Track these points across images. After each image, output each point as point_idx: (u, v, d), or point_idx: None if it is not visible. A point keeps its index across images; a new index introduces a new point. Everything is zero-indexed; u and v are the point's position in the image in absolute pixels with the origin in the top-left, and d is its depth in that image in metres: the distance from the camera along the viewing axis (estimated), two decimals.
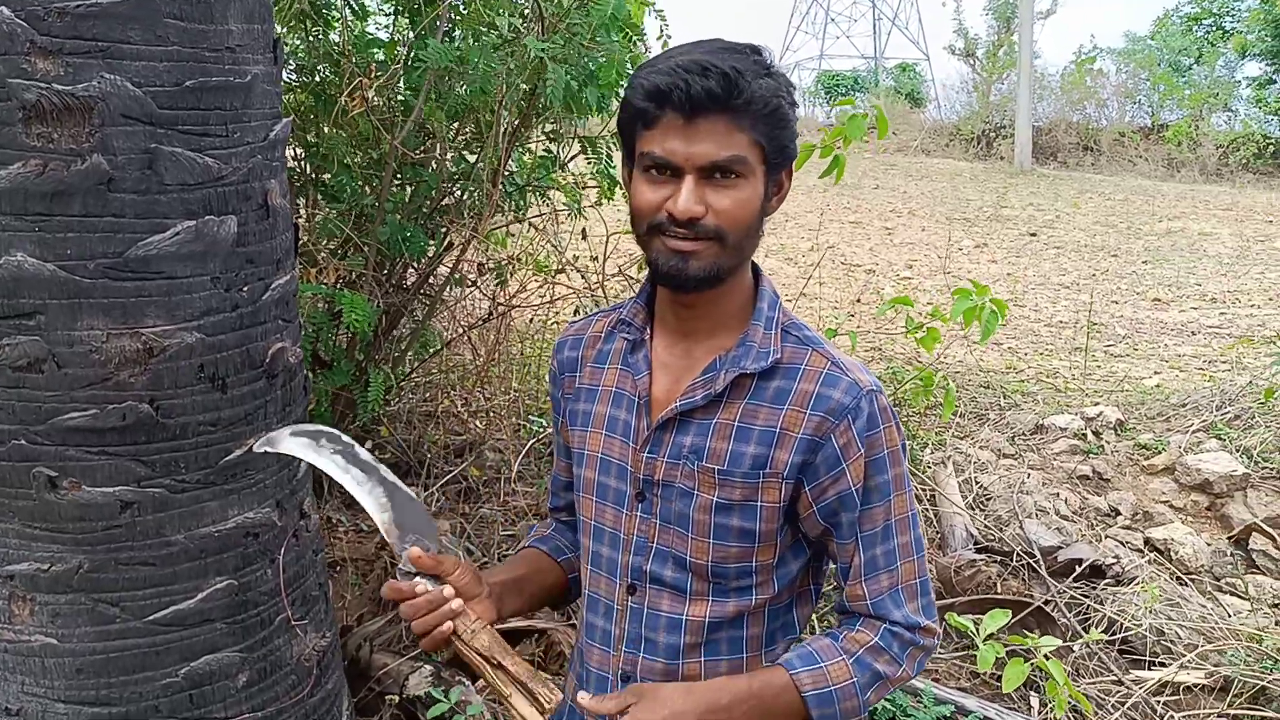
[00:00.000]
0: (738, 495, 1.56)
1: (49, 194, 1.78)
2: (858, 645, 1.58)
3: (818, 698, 1.54)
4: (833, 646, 1.58)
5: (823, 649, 1.58)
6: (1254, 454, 5.42)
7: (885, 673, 1.57)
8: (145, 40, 1.81)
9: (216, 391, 2.02)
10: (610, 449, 1.66)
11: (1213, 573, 4.61)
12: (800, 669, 1.55)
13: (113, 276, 1.85)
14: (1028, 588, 4.19)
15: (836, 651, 1.57)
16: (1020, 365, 7.84)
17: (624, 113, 1.52)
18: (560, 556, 1.85)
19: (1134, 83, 26.67)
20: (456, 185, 4.15)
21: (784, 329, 1.60)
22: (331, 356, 3.83)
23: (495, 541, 4.27)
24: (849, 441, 1.53)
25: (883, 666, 1.57)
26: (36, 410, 1.88)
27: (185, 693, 2.09)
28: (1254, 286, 11.06)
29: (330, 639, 2.41)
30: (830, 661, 1.56)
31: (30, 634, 2.00)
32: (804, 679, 1.54)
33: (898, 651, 1.58)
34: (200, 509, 2.05)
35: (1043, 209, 17.06)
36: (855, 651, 1.57)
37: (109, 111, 1.79)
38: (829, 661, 1.56)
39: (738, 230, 1.48)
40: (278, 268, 2.14)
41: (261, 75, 2.03)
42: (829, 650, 1.57)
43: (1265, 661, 3.71)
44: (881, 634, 1.58)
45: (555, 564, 1.84)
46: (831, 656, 1.56)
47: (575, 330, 1.80)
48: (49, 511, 1.94)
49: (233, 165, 1.97)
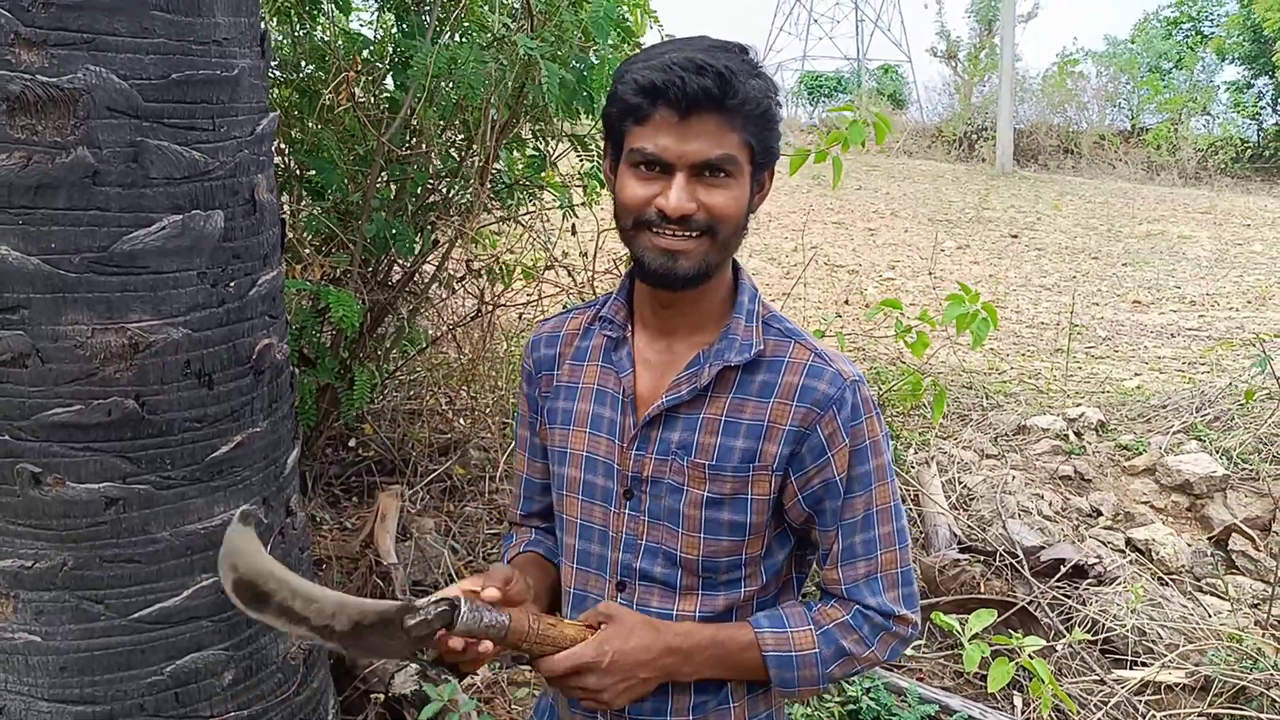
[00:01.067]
0: (728, 489, 1.56)
1: (33, 187, 1.76)
2: (828, 619, 1.59)
3: (778, 659, 1.57)
4: (803, 615, 1.61)
5: (793, 615, 1.61)
6: (1233, 455, 5.45)
7: (851, 650, 1.59)
8: (131, 32, 1.79)
9: (203, 388, 2.00)
10: (596, 447, 1.66)
11: (1193, 573, 4.64)
12: (766, 629, 1.58)
13: (98, 271, 1.83)
14: (1011, 587, 4.21)
15: (806, 620, 1.60)
16: (1002, 366, 7.88)
17: (613, 106, 1.52)
18: (555, 559, 1.84)
19: (1114, 86, 26.85)
20: (443, 182, 4.13)
21: (764, 322, 1.61)
22: (316, 353, 3.81)
23: (480, 540, 4.26)
24: (834, 431, 1.54)
25: (849, 644, 1.58)
26: (20, 406, 1.86)
27: (170, 691, 2.07)
28: (1232, 289, 11.15)
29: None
30: (797, 628, 1.58)
31: (13, 631, 1.98)
32: (767, 639, 1.57)
33: (868, 633, 1.59)
34: (186, 506, 2.03)
35: (1024, 211, 17.15)
36: (824, 625, 1.59)
37: (94, 104, 1.77)
38: (796, 628, 1.58)
39: (728, 226, 1.49)
40: (264, 263, 2.12)
41: (249, 69, 2.02)
42: (799, 617, 1.60)
43: (1245, 661, 3.74)
44: (853, 614, 1.60)
45: (554, 567, 1.83)
46: (800, 624, 1.59)
47: (550, 328, 1.79)
48: (33, 508, 1.91)
49: (219, 160, 1.95)
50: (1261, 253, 13.45)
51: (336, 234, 3.74)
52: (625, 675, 1.52)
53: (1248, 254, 13.41)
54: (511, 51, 3.36)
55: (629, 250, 1.55)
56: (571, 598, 1.73)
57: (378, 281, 4.15)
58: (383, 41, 3.97)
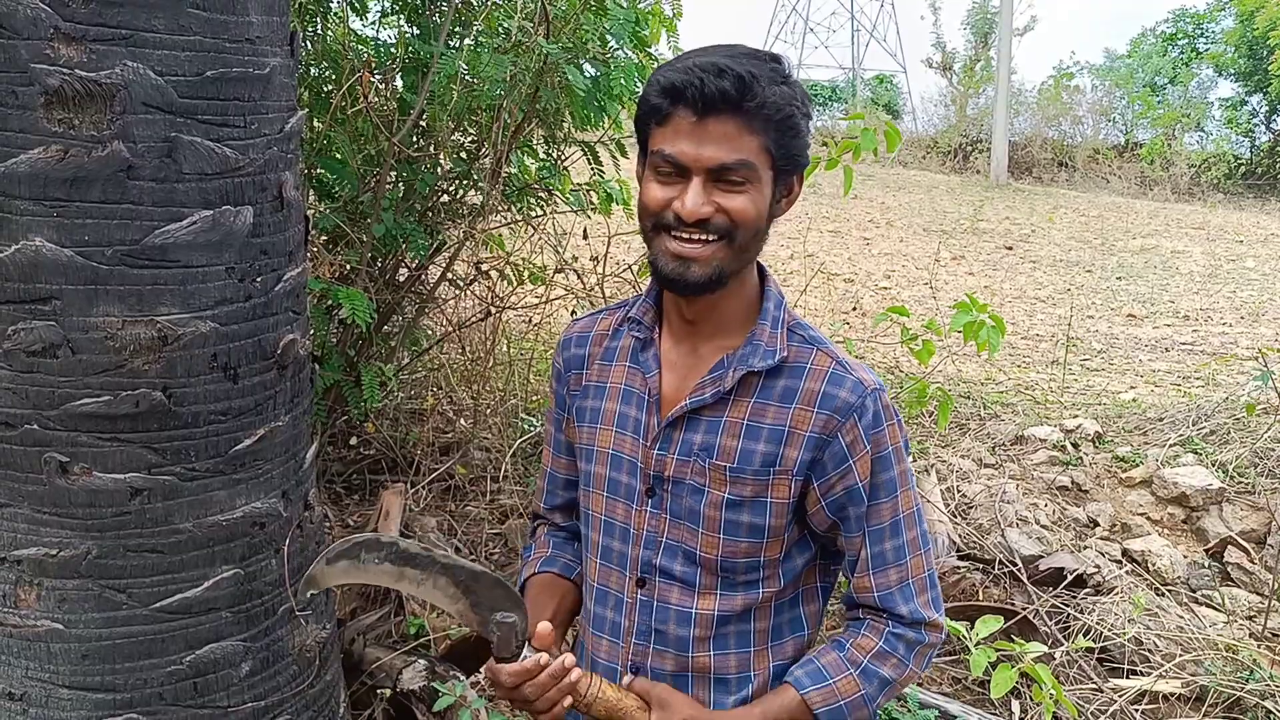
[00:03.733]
0: (749, 492, 1.59)
1: (69, 180, 1.79)
2: (863, 653, 1.62)
3: (830, 713, 1.59)
4: (840, 660, 1.62)
5: (830, 665, 1.62)
6: (1229, 469, 5.49)
7: (892, 677, 1.62)
8: (168, 29, 1.82)
9: (228, 381, 2.02)
10: (621, 445, 1.68)
11: (1189, 584, 4.68)
12: (810, 688, 1.60)
13: (129, 264, 1.86)
14: (1009, 596, 4.24)
15: (844, 665, 1.62)
16: (999, 377, 7.91)
17: (640, 108, 1.55)
18: (571, 574, 1.86)
19: (1109, 100, 26.98)
20: (453, 184, 4.16)
21: (789, 329, 1.63)
22: (323, 352, 3.83)
23: (482, 540, 4.28)
24: (855, 439, 1.56)
25: (889, 671, 1.61)
26: (50, 395, 1.88)
27: (189, 680, 2.10)
28: (1225, 305, 11.21)
29: (330, 630, 2.42)
30: (839, 678, 1.61)
31: (36, 619, 2.00)
32: (814, 698, 1.60)
33: (904, 654, 1.62)
34: (209, 497, 2.05)
35: (1018, 223, 17.21)
36: (861, 661, 1.61)
37: (130, 99, 1.80)
38: (837, 678, 1.61)
39: (746, 230, 1.51)
40: (290, 259, 2.15)
41: (279, 67, 2.05)
42: (836, 665, 1.62)
43: (1241, 672, 3.78)
44: (886, 638, 1.62)
45: (571, 584, 1.85)
46: (839, 671, 1.61)
47: (581, 327, 1.82)
48: (59, 497, 1.94)
49: (250, 156, 1.98)
50: (1254, 269, 13.53)
51: (346, 233, 3.76)
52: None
53: (1240, 270, 13.48)
54: (527, 56, 3.39)
55: (648, 251, 1.58)
56: (594, 592, 1.76)
57: (385, 281, 4.17)
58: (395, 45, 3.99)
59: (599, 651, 1.75)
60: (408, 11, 3.99)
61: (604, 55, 3.42)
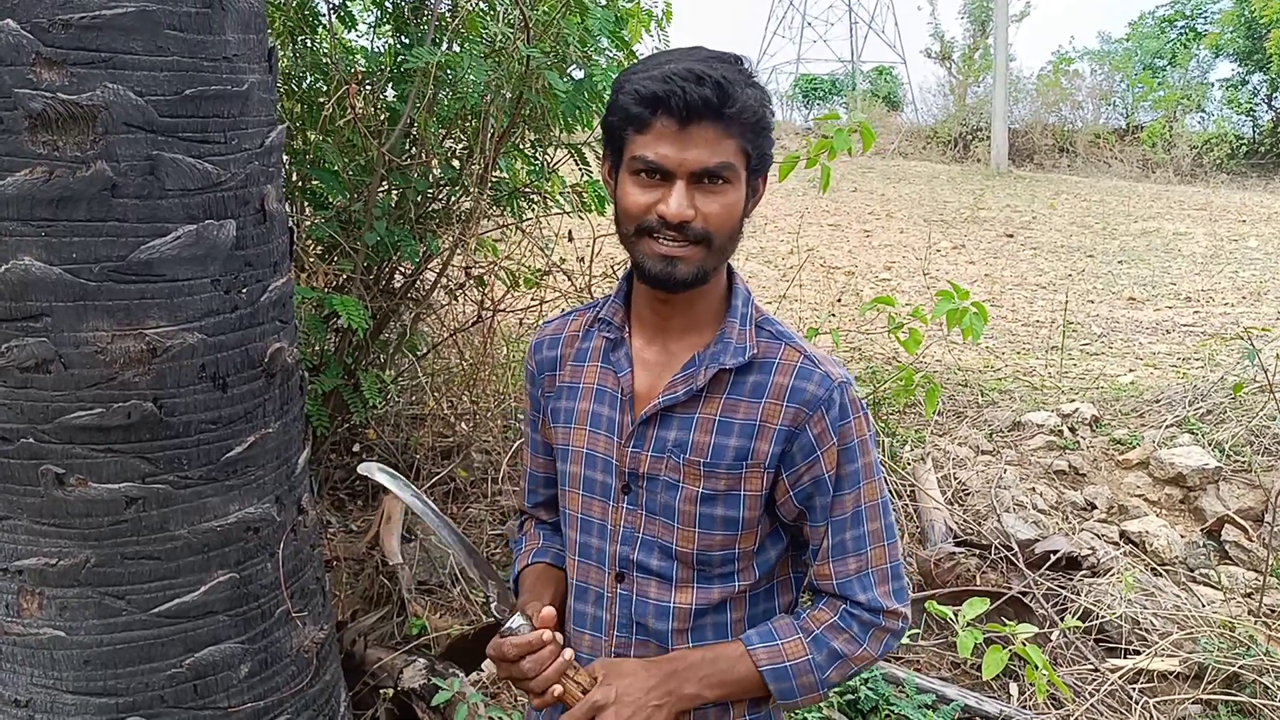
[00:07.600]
0: (722, 486, 1.63)
1: (55, 200, 1.84)
2: (816, 624, 1.66)
3: (773, 671, 1.64)
4: (791, 625, 1.67)
5: (781, 627, 1.67)
6: (1225, 448, 5.52)
7: (844, 651, 1.65)
8: (147, 51, 1.87)
9: (217, 390, 2.08)
10: (595, 444, 1.72)
11: (1186, 564, 4.71)
12: (757, 645, 1.65)
13: (117, 279, 1.91)
14: (1006, 580, 4.28)
15: (794, 630, 1.66)
16: (997, 364, 7.94)
17: (613, 115, 1.56)
18: (561, 564, 1.90)
19: (1109, 84, 26.91)
20: (444, 191, 4.21)
21: (757, 324, 1.67)
22: (321, 359, 3.89)
23: (484, 541, 4.33)
24: (823, 431, 1.60)
25: (841, 645, 1.65)
26: (44, 409, 1.94)
27: (189, 683, 2.15)
28: (1227, 285, 11.21)
29: (328, 631, 2.47)
30: (787, 639, 1.65)
31: (39, 627, 2.06)
32: (760, 654, 1.64)
33: (857, 631, 1.65)
34: (203, 504, 2.10)
35: (1019, 210, 17.22)
36: (813, 630, 1.65)
37: (112, 120, 1.85)
38: (785, 639, 1.65)
39: (723, 234, 1.55)
40: (274, 270, 2.20)
41: (258, 83, 2.09)
42: (787, 628, 1.67)
43: (1238, 649, 3.81)
44: (841, 614, 1.66)
45: (562, 573, 1.89)
46: (788, 634, 1.66)
47: (552, 330, 1.85)
48: (56, 508, 1.99)
49: (231, 171, 2.03)
50: (1256, 248, 13.52)
51: (339, 242, 3.82)
52: (637, 704, 1.60)
53: (1243, 250, 13.47)
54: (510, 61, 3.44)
55: (630, 255, 1.60)
56: (574, 589, 1.80)
57: (380, 288, 4.22)
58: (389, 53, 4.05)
59: (581, 646, 1.79)
60: (396, 21, 4.04)
61: (584, 57, 3.46)
